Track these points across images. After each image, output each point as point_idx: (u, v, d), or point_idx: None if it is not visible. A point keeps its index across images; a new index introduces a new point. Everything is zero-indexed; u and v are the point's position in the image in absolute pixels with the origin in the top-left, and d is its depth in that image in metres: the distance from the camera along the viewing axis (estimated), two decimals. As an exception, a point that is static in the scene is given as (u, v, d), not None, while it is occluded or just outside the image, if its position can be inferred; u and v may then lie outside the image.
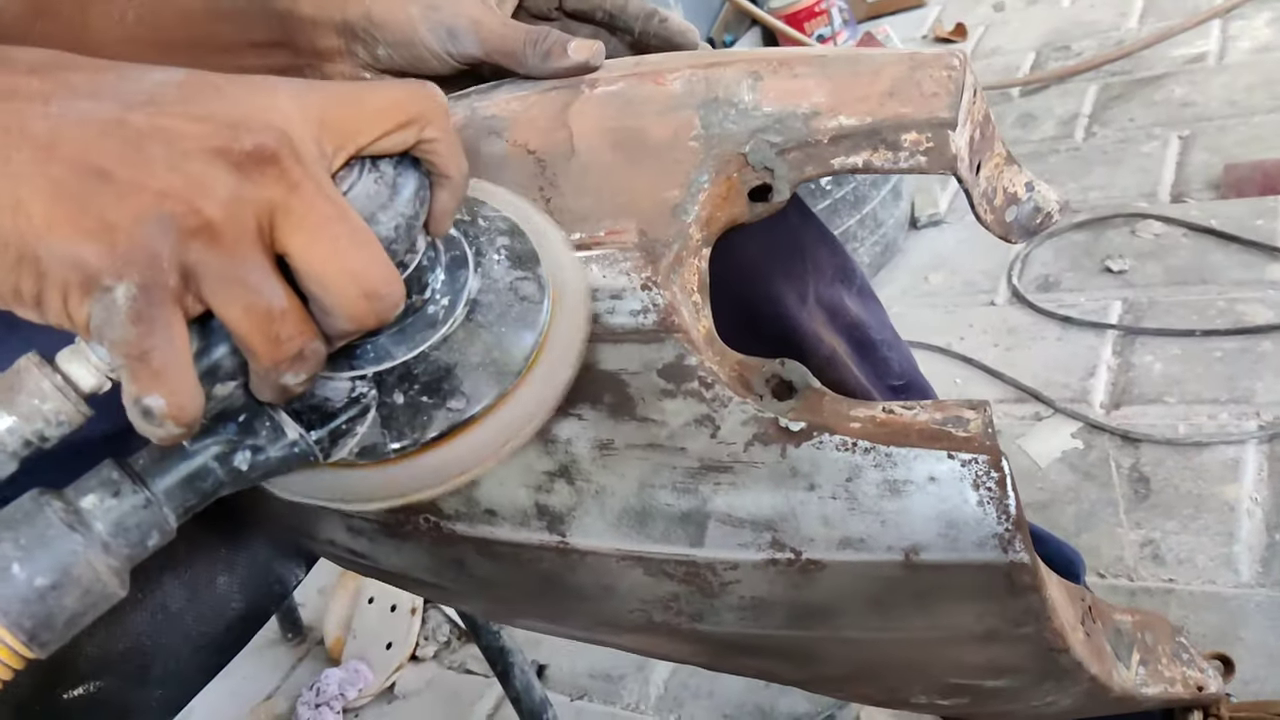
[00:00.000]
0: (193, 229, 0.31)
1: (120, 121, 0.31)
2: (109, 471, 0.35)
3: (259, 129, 0.32)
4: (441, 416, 0.41)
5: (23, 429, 0.33)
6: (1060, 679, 0.52)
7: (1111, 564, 1.20)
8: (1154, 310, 1.51)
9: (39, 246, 0.30)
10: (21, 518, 0.33)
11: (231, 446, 0.38)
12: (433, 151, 0.37)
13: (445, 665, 1.42)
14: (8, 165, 0.30)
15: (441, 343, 0.41)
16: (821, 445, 0.43)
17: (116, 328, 0.31)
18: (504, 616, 0.78)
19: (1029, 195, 0.57)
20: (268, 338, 0.33)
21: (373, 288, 0.34)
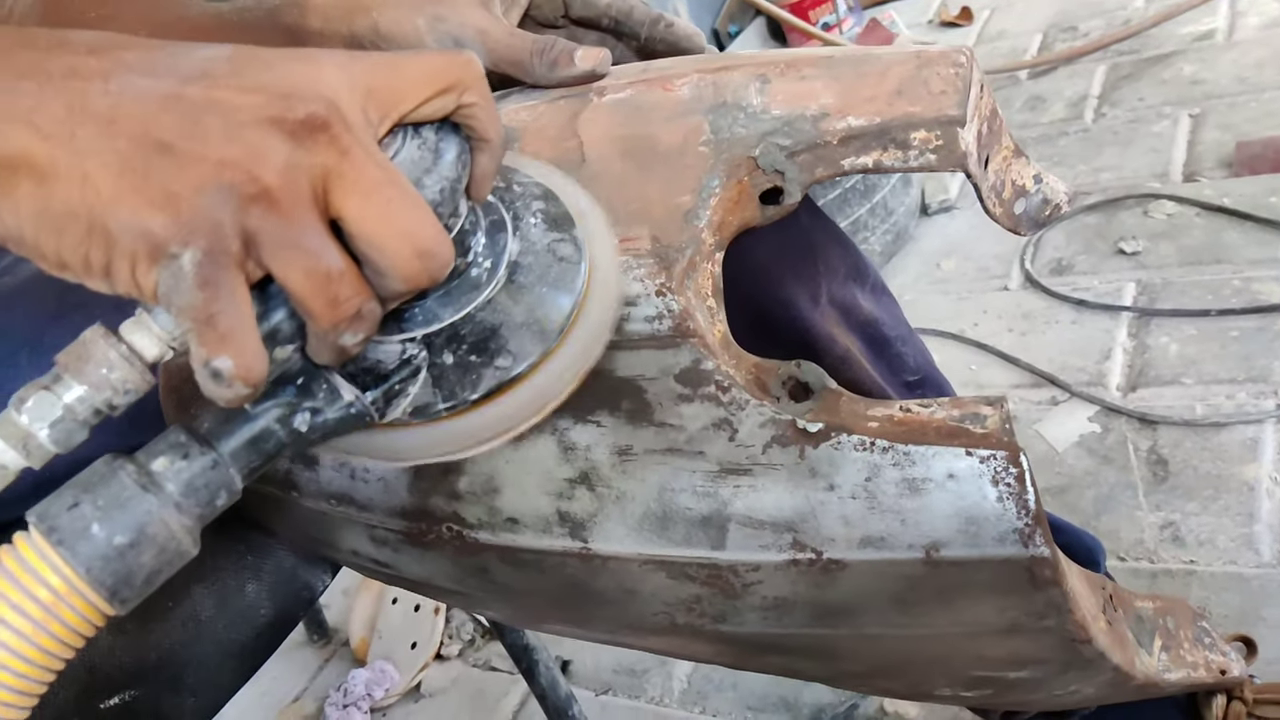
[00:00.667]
0: (252, 196, 0.32)
1: (177, 96, 0.32)
2: (177, 435, 0.36)
3: (310, 98, 0.33)
4: (489, 375, 0.42)
5: (93, 398, 0.34)
6: (1084, 669, 0.52)
7: (1132, 547, 1.19)
8: (1168, 291, 1.51)
9: (107, 218, 0.31)
10: (97, 481, 0.34)
11: (291, 409, 0.39)
12: (472, 116, 0.38)
13: (470, 663, 1.44)
14: (74, 141, 0.31)
15: (486, 304, 0.43)
16: (840, 445, 0.44)
17: (184, 293, 0.32)
18: (528, 622, 0.79)
19: (1037, 187, 0.58)
20: (326, 299, 0.34)
21: (425, 247, 0.35)
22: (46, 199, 0.31)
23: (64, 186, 0.31)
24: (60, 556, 0.33)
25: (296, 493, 0.52)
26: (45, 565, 0.33)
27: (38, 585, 0.32)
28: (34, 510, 0.34)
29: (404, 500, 0.49)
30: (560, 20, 0.63)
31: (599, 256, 0.46)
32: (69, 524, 0.33)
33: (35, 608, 0.32)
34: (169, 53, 0.34)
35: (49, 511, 0.33)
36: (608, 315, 0.45)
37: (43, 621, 0.32)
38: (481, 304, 0.43)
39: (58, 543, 0.33)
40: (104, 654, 0.56)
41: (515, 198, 0.46)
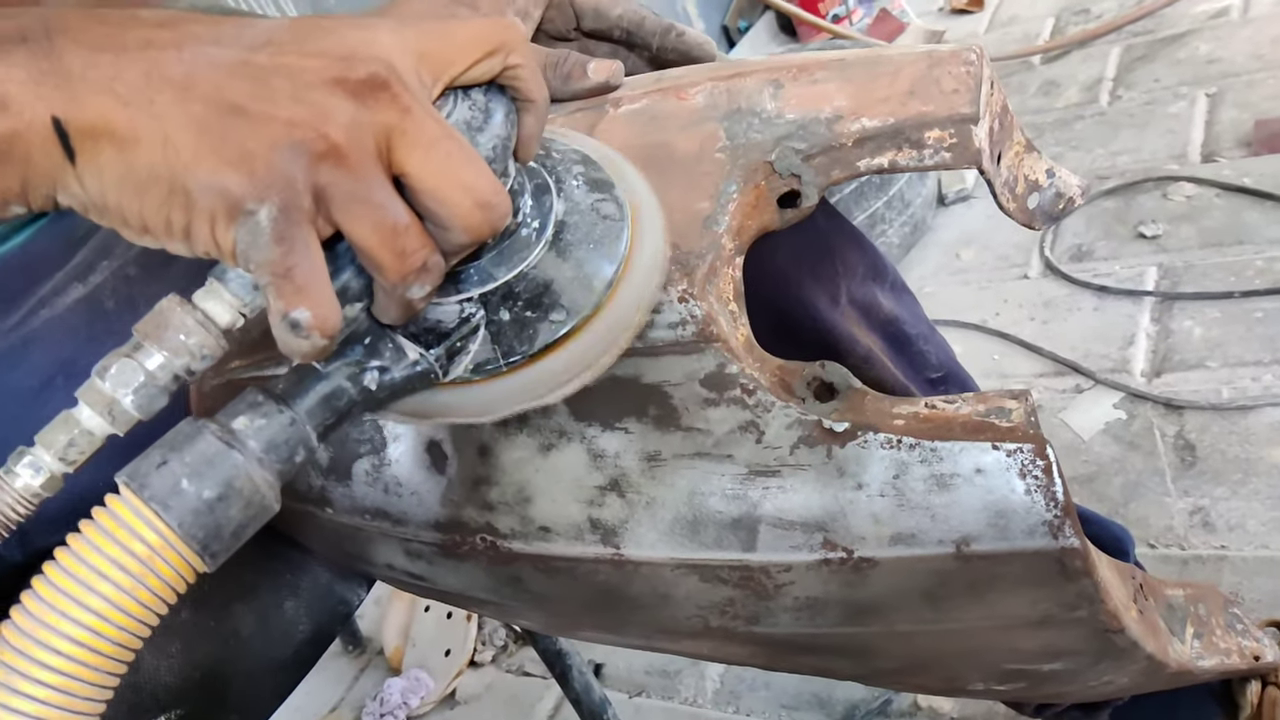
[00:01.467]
0: (321, 153, 0.33)
1: (246, 62, 0.34)
2: (255, 396, 0.37)
3: (369, 59, 0.34)
4: (545, 329, 0.44)
5: (172, 363, 0.35)
6: (1117, 658, 0.52)
7: (1161, 534, 1.19)
8: (1190, 274, 1.50)
9: (187, 178, 0.32)
10: (183, 440, 0.35)
11: (360, 367, 0.40)
12: (517, 78, 0.39)
13: (504, 669, 1.45)
14: (152, 106, 0.32)
15: (537, 262, 0.44)
16: (867, 444, 0.44)
17: (261, 248, 0.33)
18: (563, 629, 0.80)
19: (1050, 181, 0.58)
20: (394, 251, 0.35)
21: (484, 198, 0.36)
22: (129, 163, 0.33)
23: (145, 150, 0.32)
24: (154, 512, 0.34)
25: (331, 509, 0.53)
26: (140, 521, 0.33)
27: (134, 540, 0.33)
28: (124, 471, 0.35)
29: (437, 513, 0.49)
30: (572, 33, 0.63)
31: (643, 212, 0.47)
32: (160, 481, 0.34)
33: (133, 562, 0.33)
34: (234, 24, 0.35)
35: (139, 470, 0.34)
36: (656, 264, 0.46)
37: (141, 576, 0.33)
38: (533, 262, 0.44)
39: (150, 499, 0.34)
40: (150, 673, 0.57)
41: (556, 163, 0.48)
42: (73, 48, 0.33)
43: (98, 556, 0.33)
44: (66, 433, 0.35)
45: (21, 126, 0.32)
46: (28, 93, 0.32)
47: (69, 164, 0.33)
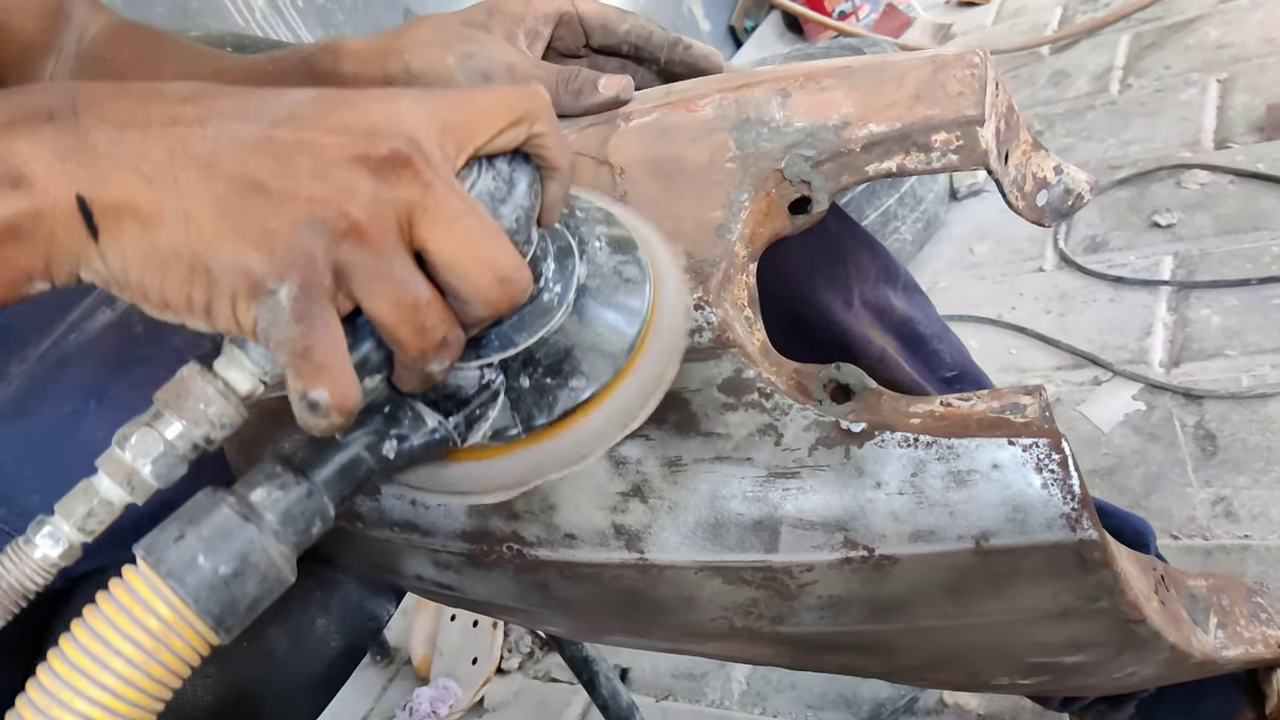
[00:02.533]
0: (342, 231, 0.34)
1: (269, 138, 0.34)
2: (273, 466, 0.38)
3: (391, 135, 0.35)
4: (565, 396, 0.44)
5: (191, 433, 0.36)
6: (1139, 649, 0.53)
7: (1184, 525, 1.19)
8: (1206, 262, 1.50)
9: (209, 257, 0.33)
10: (200, 513, 0.36)
11: (379, 436, 0.40)
12: (542, 146, 0.40)
13: (531, 675, 1.46)
14: (176, 185, 0.33)
15: (558, 328, 0.44)
16: (884, 443, 0.45)
17: (282, 327, 0.33)
18: (589, 635, 0.81)
19: (1058, 178, 0.58)
20: (414, 328, 0.35)
21: (505, 274, 0.36)
22: (152, 241, 0.33)
23: (168, 229, 0.33)
24: (169, 587, 0.34)
25: (360, 523, 0.54)
26: (155, 596, 0.34)
27: (148, 616, 0.34)
28: (141, 543, 0.35)
29: (464, 523, 0.50)
30: (581, 50, 0.64)
31: (664, 275, 0.47)
32: (176, 556, 0.35)
33: (147, 638, 0.34)
34: (258, 98, 0.36)
35: (156, 544, 0.35)
36: (677, 334, 0.46)
37: (154, 651, 0.34)
38: (554, 328, 0.44)
39: (166, 574, 0.34)
40: (189, 695, 0.59)
41: (579, 223, 0.47)
42: (98, 124, 0.33)
43: (112, 631, 0.34)
44: (86, 503, 0.36)
45: (46, 205, 0.33)
46: (53, 171, 0.33)
47: (93, 241, 0.33)
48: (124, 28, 0.76)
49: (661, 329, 0.46)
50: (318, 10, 1.69)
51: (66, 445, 0.59)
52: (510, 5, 0.62)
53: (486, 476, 0.45)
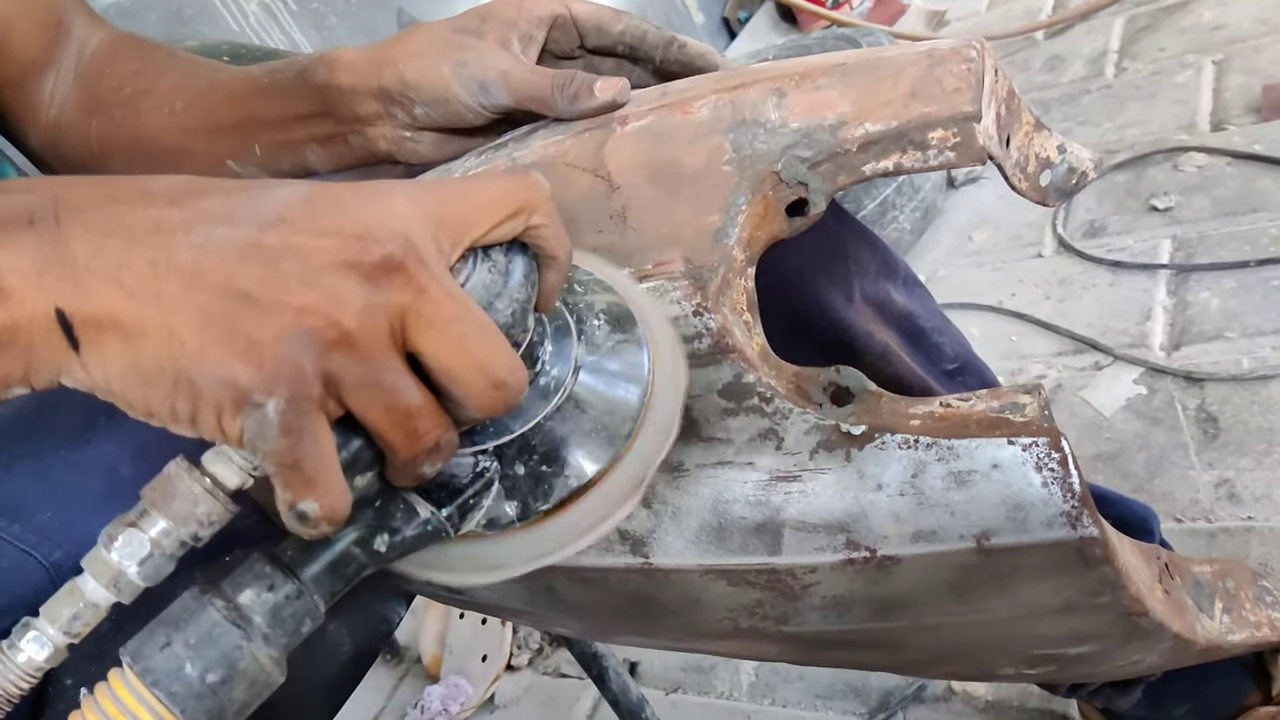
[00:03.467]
0: (332, 341, 0.33)
1: (256, 244, 0.33)
2: (261, 565, 0.38)
3: (383, 238, 0.34)
4: (561, 484, 0.43)
5: (178, 531, 0.35)
6: (1144, 640, 0.53)
7: (1187, 508, 1.19)
8: (1205, 245, 1.50)
9: (193, 370, 0.32)
10: (188, 618, 0.35)
11: (371, 531, 0.40)
12: (540, 236, 0.39)
13: (540, 671, 1.46)
14: (159, 298, 0.32)
15: (555, 412, 0.43)
16: (884, 445, 0.45)
17: (269, 440, 0.33)
18: (597, 635, 0.81)
19: (1062, 157, 0.58)
20: (406, 433, 0.35)
21: (500, 378, 0.36)
22: (134, 355, 0.32)
23: (151, 343, 0.32)
24: (156, 698, 0.34)
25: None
26: (142, 706, 0.34)
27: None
28: (127, 649, 0.35)
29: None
30: (576, 51, 0.64)
31: (661, 349, 0.47)
32: (163, 664, 0.34)
33: None
34: (248, 197, 0.35)
35: (142, 651, 0.35)
36: (674, 410, 0.46)
37: None
38: (550, 413, 0.43)
39: (153, 684, 0.34)
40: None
41: (578, 298, 0.47)
42: (80, 233, 0.33)
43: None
44: (71, 606, 0.35)
45: (24, 319, 0.32)
46: (30, 283, 0.32)
47: (73, 352, 0.33)
48: (122, 42, 0.76)
49: (658, 405, 0.45)
50: (311, 13, 1.69)
51: (77, 461, 0.59)
52: (503, 10, 0.62)
53: (481, 558, 0.45)
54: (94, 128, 0.72)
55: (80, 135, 0.73)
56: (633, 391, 0.45)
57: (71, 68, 0.75)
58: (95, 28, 0.77)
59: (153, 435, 0.59)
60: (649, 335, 0.47)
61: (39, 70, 0.74)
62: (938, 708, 1.15)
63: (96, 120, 0.72)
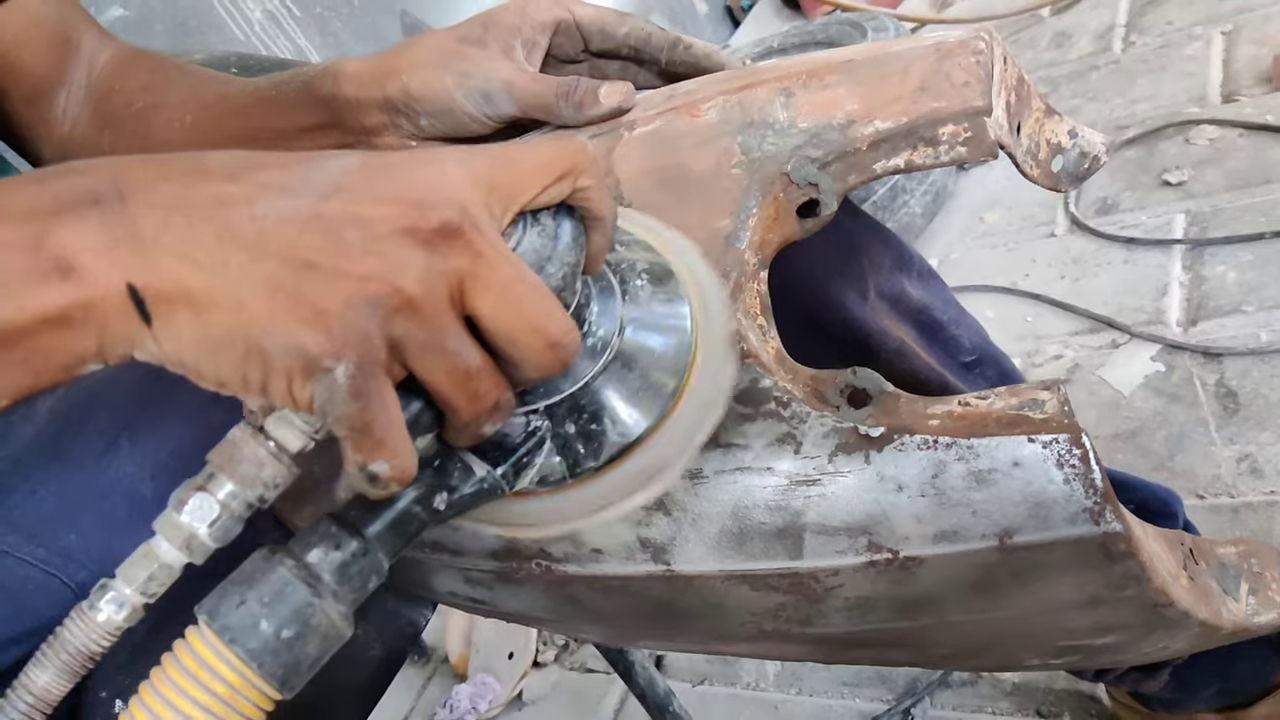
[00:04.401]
0: (396, 306, 0.34)
1: (317, 214, 0.34)
2: (327, 526, 0.39)
3: (440, 205, 0.35)
4: (611, 440, 0.44)
5: (245, 494, 0.37)
6: (1169, 628, 0.53)
7: (1209, 484, 1.19)
8: (1219, 218, 1.48)
9: (263, 339, 0.33)
10: (259, 577, 0.36)
11: (430, 490, 0.41)
12: (586, 199, 0.40)
13: (567, 667, 1.47)
14: (226, 269, 0.33)
15: (602, 371, 0.44)
16: (903, 447, 0.45)
17: (339, 405, 0.33)
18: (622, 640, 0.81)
19: (1073, 142, 0.58)
20: (467, 395, 0.36)
21: (555, 339, 0.37)
22: (205, 327, 0.33)
23: (221, 314, 0.33)
24: (234, 654, 0.35)
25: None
26: (221, 662, 0.35)
27: (216, 682, 0.35)
28: (203, 608, 0.36)
29: (493, 543, 0.51)
30: (581, 55, 0.64)
31: (708, 302, 0.47)
32: (239, 621, 0.35)
33: (216, 703, 0.35)
34: (303, 168, 0.36)
35: (218, 610, 0.36)
36: (725, 367, 0.46)
37: (222, 715, 0.35)
38: (598, 372, 0.44)
39: (231, 640, 0.35)
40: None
41: (620, 258, 0.47)
42: (145, 210, 0.33)
43: (181, 698, 0.35)
44: (146, 568, 0.37)
45: (97, 295, 0.32)
46: (102, 261, 0.32)
47: (145, 327, 0.33)
48: (131, 56, 0.77)
49: (707, 360, 0.45)
50: (315, 19, 1.69)
51: (99, 483, 0.59)
52: (505, 17, 0.61)
53: (535, 513, 0.46)
54: (106, 142, 0.73)
55: (92, 151, 0.74)
56: (678, 348, 0.45)
57: (82, 83, 0.75)
58: (104, 43, 0.77)
59: (171, 456, 0.60)
60: (692, 290, 0.47)
61: (51, 87, 0.74)
62: (964, 692, 1.15)
63: (108, 135, 0.73)
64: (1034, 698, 1.09)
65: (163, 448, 0.61)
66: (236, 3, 1.56)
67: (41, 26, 0.73)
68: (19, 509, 0.57)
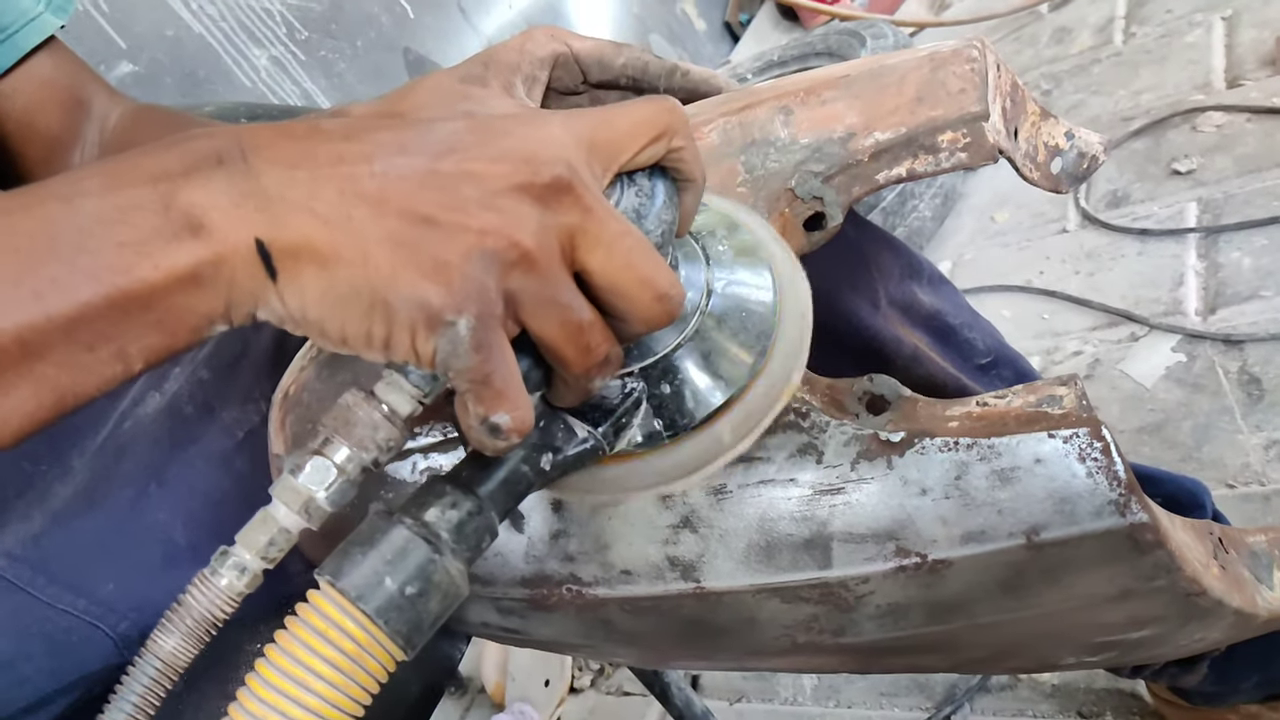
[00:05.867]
0: (513, 261, 0.34)
1: (434, 171, 0.35)
2: (442, 486, 0.39)
3: (550, 161, 0.35)
4: (705, 399, 0.45)
5: (360, 457, 0.37)
6: (1204, 619, 0.53)
7: (1239, 472, 1.18)
8: (1231, 204, 1.48)
9: (387, 292, 0.34)
10: (380, 536, 0.37)
11: (536, 450, 0.42)
12: (680, 159, 0.40)
13: (603, 691, 1.47)
14: (350, 223, 0.33)
15: (694, 334, 0.45)
16: (924, 450, 0.45)
17: (462, 357, 0.34)
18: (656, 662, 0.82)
19: (1070, 143, 0.58)
20: (579, 348, 0.37)
21: (664, 291, 0.37)
22: (330, 280, 0.34)
23: (346, 267, 0.33)
24: (360, 611, 0.35)
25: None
26: (348, 619, 0.35)
27: (343, 639, 0.35)
28: (325, 568, 0.36)
29: (522, 570, 0.51)
30: (581, 87, 0.65)
31: (781, 268, 0.48)
32: (362, 579, 0.36)
33: (344, 660, 0.35)
34: (416, 130, 0.36)
35: (341, 569, 0.36)
36: (803, 324, 0.47)
37: (351, 672, 0.35)
38: (689, 334, 0.45)
39: (357, 598, 0.35)
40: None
41: (701, 225, 0.49)
42: (268, 167, 0.34)
43: (310, 656, 0.35)
44: (266, 533, 0.37)
45: (226, 251, 0.33)
46: (229, 217, 0.33)
47: (271, 283, 0.34)
48: (142, 113, 0.78)
49: (788, 324, 0.47)
50: (320, 62, 1.72)
51: (132, 530, 0.60)
52: (505, 55, 0.63)
53: (633, 476, 0.47)
54: None
55: None
56: (763, 310, 0.46)
57: (95, 142, 0.77)
58: (115, 102, 0.79)
59: (203, 502, 0.61)
60: (769, 253, 0.48)
61: (65, 148, 0.76)
62: (1003, 696, 1.14)
63: None
64: (1075, 698, 1.08)
65: (193, 495, 0.62)
66: (243, 51, 1.58)
67: (53, 89, 0.74)
68: (57, 561, 0.58)
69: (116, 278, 0.32)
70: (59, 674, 0.58)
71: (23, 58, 0.72)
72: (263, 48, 1.61)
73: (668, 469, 0.47)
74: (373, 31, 1.83)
